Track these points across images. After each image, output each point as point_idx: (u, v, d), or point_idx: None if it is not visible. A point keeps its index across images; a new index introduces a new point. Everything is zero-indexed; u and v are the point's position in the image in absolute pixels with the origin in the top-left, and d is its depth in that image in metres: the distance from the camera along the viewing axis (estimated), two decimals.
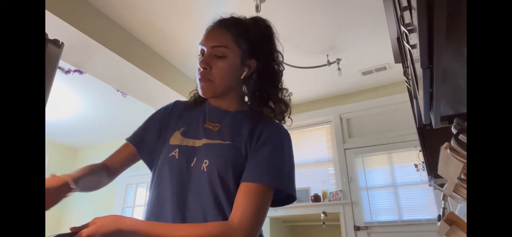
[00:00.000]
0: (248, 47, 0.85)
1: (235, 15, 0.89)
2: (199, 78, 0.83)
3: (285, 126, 0.87)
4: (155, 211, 0.77)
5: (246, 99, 0.92)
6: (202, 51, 0.85)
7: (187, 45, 2.95)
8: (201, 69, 0.82)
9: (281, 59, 0.91)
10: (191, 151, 0.80)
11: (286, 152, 0.79)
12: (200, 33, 0.88)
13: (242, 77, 0.86)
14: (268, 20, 0.91)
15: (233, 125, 0.83)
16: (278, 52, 0.91)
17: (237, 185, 0.74)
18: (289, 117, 0.90)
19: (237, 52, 0.83)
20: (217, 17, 0.89)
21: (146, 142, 0.88)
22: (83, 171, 0.80)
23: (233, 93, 0.88)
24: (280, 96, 0.88)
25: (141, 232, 0.64)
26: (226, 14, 0.90)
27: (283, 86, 0.90)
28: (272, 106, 0.87)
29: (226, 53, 0.82)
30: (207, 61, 0.82)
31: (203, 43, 0.85)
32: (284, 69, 0.92)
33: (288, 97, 0.90)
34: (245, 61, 0.85)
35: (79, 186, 0.75)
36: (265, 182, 0.72)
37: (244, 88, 0.92)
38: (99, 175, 0.85)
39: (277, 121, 0.88)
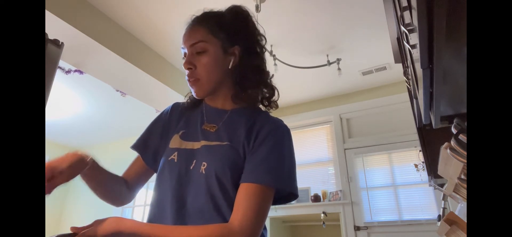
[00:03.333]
0: (226, 35, 0.83)
1: (206, 9, 0.89)
2: (188, 80, 0.83)
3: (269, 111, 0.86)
4: (156, 214, 0.77)
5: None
6: (185, 54, 0.84)
7: None
8: (187, 71, 0.82)
9: (264, 42, 0.90)
10: (190, 153, 0.80)
11: (286, 149, 0.77)
12: None
13: (230, 67, 0.84)
14: (243, 6, 0.89)
15: (230, 125, 0.82)
16: (260, 35, 0.89)
17: (235, 186, 0.73)
18: (276, 102, 0.89)
19: (216, 43, 0.82)
20: (190, 18, 0.88)
21: (149, 147, 0.88)
22: (102, 167, 0.80)
23: (225, 88, 0.86)
24: (265, 79, 0.87)
25: (141, 234, 0.64)
26: (198, 12, 0.89)
27: (266, 69, 0.89)
28: (258, 90, 0.86)
29: (205, 47, 0.81)
30: (189, 60, 0.81)
31: (183, 45, 0.84)
32: (266, 51, 0.91)
33: (269, 80, 0.89)
34: (228, 49, 0.83)
35: (96, 175, 0.76)
36: (265, 182, 0.71)
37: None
38: (119, 183, 0.84)
39: (267, 107, 0.87)
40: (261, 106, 0.89)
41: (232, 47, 0.84)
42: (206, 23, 0.83)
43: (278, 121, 0.82)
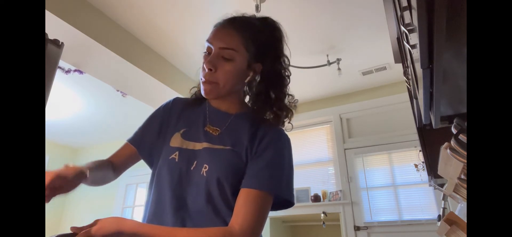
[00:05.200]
0: (255, 51, 0.82)
1: (246, 15, 0.87)
2: (203, 79, 0.81)
3: (284, 125, 0.86)
4: (156, 213, 0.77)
5: (247, 99, 0.92)
6: (209, 49, 0.81)
7: (186, 45, 2.95)
8: (206, 70, 0.79)
9: (287, 63, 0.89)
10: (191, 154, 0.79)
11: (286, 159, 0.79)
12: (199, 33, 0.87)
13: (246, 81, 0.85)
14: (278, 22, 0.88)
15: (233, 129, 0.82)
16: (284, 56, 0.88)
17: (235, 190, 0.74)
18: (289, 123, 0.88)
19: (245, 56, 0.81)
20: (228, 15, 0.86)
21: (146, 142, 0.88)
22: (93, 164, 0.81)
23: (235, 95, 0.87)
24: (285, 101, 0.86)
25: (142, 235, 0.64)
26: (236, 13, 0.87)
27: (289, 92, 0.88)
28: (274, 110, 0.85)
29: (234, 56, 0.79)
30: (213, 62, 0.79)
31: (211, 41, 0.81)
32: (290, 74, 0.89)
33: (293, 104, 0.88)
34: (251, 65, 0.83)
35: (90, 177, 0.76)
36: (265, 189, 0.72)
37: (246, 88, 0.91)
38: (106, 170, 0.85)
39: (278, 125, 0.87)
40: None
41: (255, 64, 0.83)
42: (243, 32, 0.81)
43: (280, 130, 0.83)
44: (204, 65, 0.80)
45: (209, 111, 0.88)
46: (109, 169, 0.86)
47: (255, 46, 0.82)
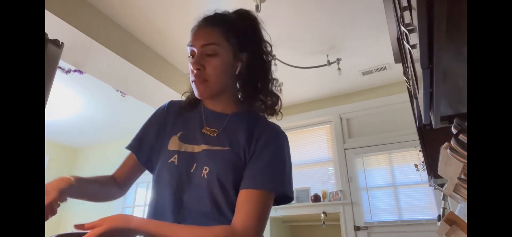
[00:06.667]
0: (237, 41, 0.83)
1: (218, 11, 0.88)
2: (194, 80, 0.81)
3: (284, 125, 0.87)
4: (156, 216, 0.77)
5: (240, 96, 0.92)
6: (192, 52, 0.82)
7: (186, 45, 2.95)
8: (195, 71, 0.80)
9: (270, 49, 0.90)
10: (190, 157, 0.79)
11: (286, 156, 0.79)
12: None
13: (237, 73, 0.84)
14: (251, 11, 0.90)
15: (230, 130, 0.82)
16: (265, 41, 0.89)
17: (236, 190, 0.74)
18: (280, 111, 0.89)
19: (228, 48, 0.82)
20: (201, 16, 0.87)
21: (144, 148, 0.88)
22: (91, 177, 0.80)
23: (228, 93, 0.86)
24: (270, 87, 0.87)
25: (148, 232, 0.64)
26: (209, 11, 0.88)
27: (273, 77, 0.89)
28: (263, 98, 0.86)
29: (217, 50, 0.80)
30: (199, 61, 0.79)
31: (192, 43, 0.82)
32: (272, 58, 0.90)
33: (278, 88, 0.89)
34: (237, 55, 0.84)
35: (82, 190, 0.75)
36: (267, 188, 0.72)
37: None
38: (106, 185, 0.84)
39: (270, 115, 0.88)
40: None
41: (241, 54, 0.84)
42: (220, 26, 0.82)
43: (277, 127, 0.83)
44: (191, 67, 0.81)
45: (205, 113, 0.88)
46: (110, 184, 0.85)
47: (235, 37, 0.83)
